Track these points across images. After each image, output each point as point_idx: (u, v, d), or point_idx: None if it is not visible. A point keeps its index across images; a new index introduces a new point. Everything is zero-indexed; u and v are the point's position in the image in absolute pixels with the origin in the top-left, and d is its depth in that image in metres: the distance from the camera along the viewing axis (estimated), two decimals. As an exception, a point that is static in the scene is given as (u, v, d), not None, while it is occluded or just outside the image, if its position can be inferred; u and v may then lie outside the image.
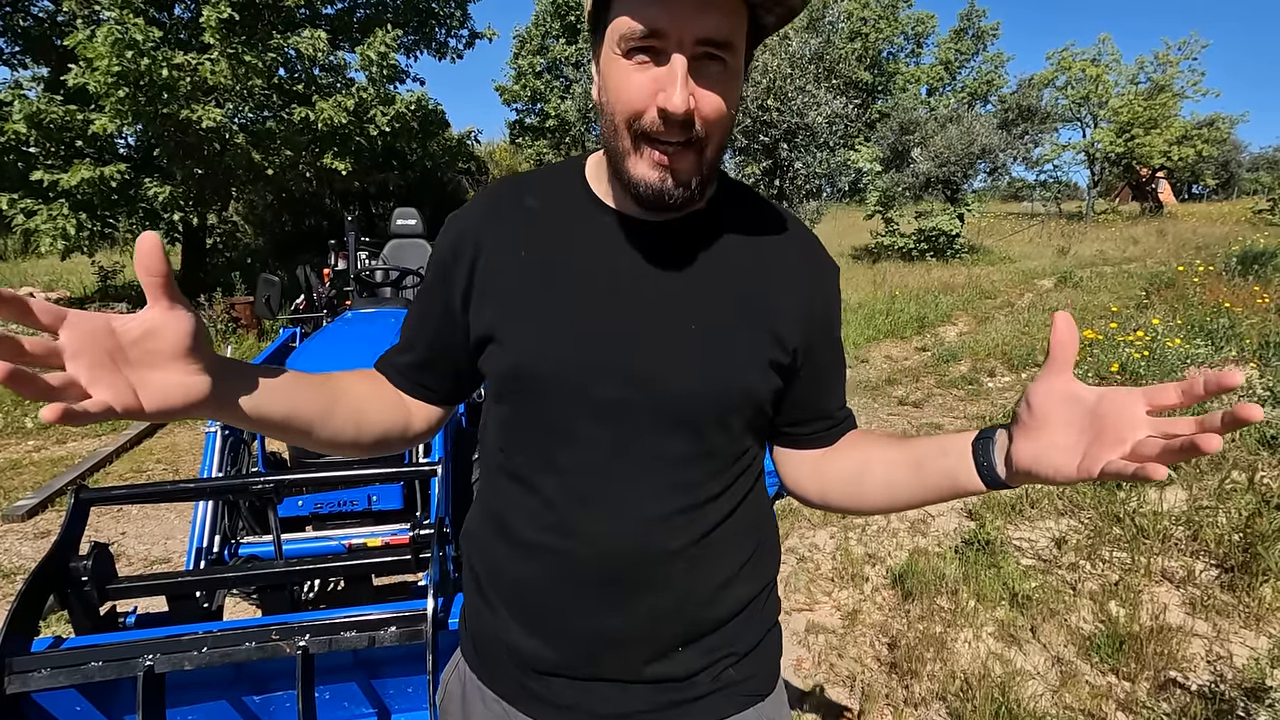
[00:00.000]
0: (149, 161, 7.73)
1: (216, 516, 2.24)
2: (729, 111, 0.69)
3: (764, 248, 0.81)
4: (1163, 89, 24.79)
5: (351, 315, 3.39)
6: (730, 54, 0.66)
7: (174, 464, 4.42)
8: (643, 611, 0.78)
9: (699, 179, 0.71)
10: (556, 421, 0.77)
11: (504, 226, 0.81)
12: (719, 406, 0.76)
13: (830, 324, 0.85)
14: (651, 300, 0.76)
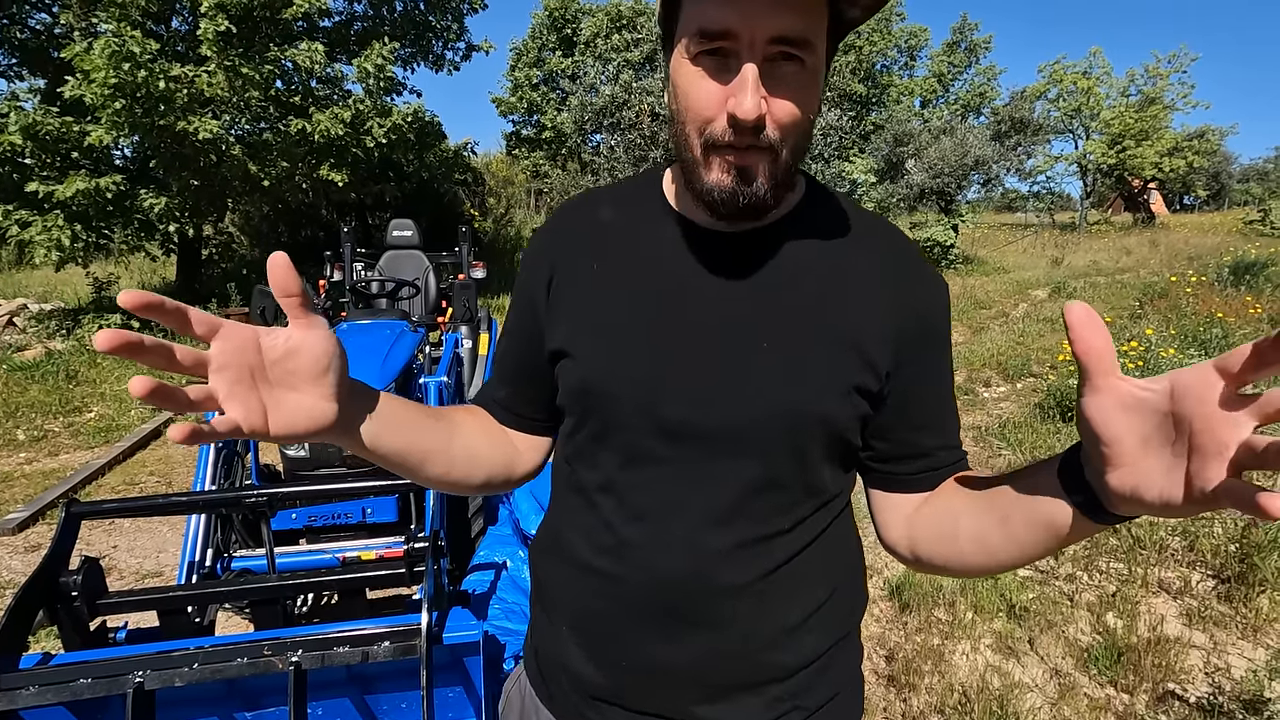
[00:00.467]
0: (145, 172, 7.73)
1: (209, 530, 2.22)
2: (807, 115, 0.65)
3: (850, 259, 0.74)
4: (1153, 101, 25.05)
5: (347, 326, 3.38)
6: (808, 53, 0.62)
7: (167, 476, 4.39)
8: (699, 647, 0.74)
9: (772, 183, 0.66)
10: (619, 440, 0.75)
11: (578, 241, 0.80)
12: (790, 434, 0.70)
13: (927, 346, 0.74)
14: (724, 317, 0.72)
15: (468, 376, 3.87)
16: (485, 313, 4.40)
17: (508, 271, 13.18)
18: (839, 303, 0.72)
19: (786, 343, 0.71)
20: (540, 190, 19.03)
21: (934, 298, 0.76)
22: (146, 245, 8.07)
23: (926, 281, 0.76)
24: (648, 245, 0.77)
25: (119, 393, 5.81)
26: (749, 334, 0.71)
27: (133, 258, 9.61)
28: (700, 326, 0.72)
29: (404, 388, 2.88)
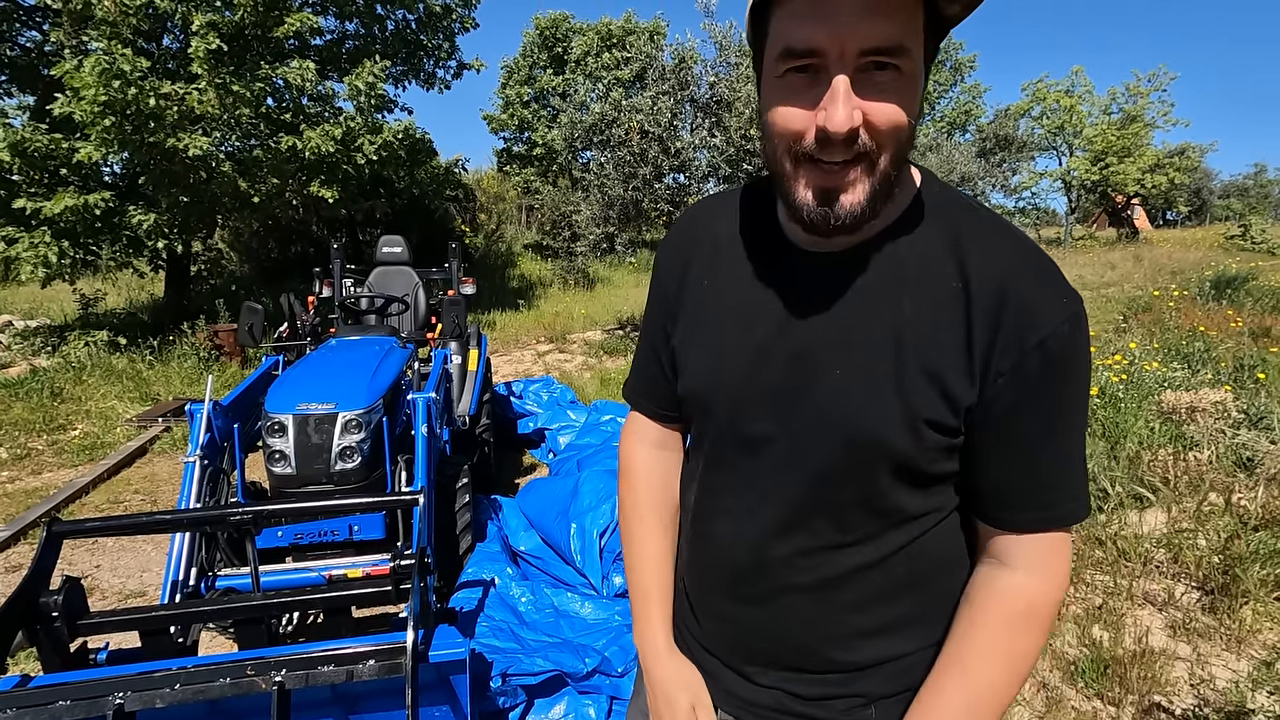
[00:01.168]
0: (134, 189, 7.71)
1: (194, 548, 2.20)
2: (906, 120, 0.63)
3: (945, 283, 0.69)
4: (1134, 119, 25.49)
5: (335, 343, 3.38)
6: (903, 59, 0.60)
7: (152, 494, 4.34)
8: (765, 629, 0.82)
9: (869, 196, 0.65)
10: (707, 443, 0.85)
11: (701, 249, 0.86)
12: (848, 459, 0.72)
13: (1030, 376, 0.66)
14: (806, 341, 0.74)
15: (456, 392, 3.87)
16: (475, 328, 4.41)
17: (498, 288, 13.20)
18: (924, 326, 0.69)
19: (858, 369, 0.71)
20: (531, 206, 19.11)
21: (1045, 321, 0.66)
22: (134, 262, 8.03)
23: (1039, 302, 0.67)
24: (750, 265, 0.81)
25: (104, 410, 5.76)
26: (824, 357, 0.73)
27: (120, 274, 9.55)
28: (781, 347, 0.75)
29: (392, 404, 2.88)
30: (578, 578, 2.88)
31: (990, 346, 0.67)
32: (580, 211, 8.27)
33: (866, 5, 0.58)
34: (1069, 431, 0.70)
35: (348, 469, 2.53)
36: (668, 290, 0.89)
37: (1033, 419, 0.69)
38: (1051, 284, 0.68)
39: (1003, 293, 0.67)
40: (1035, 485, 0.71)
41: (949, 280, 0.69)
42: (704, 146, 7.43)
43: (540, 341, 9.06)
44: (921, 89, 0.66)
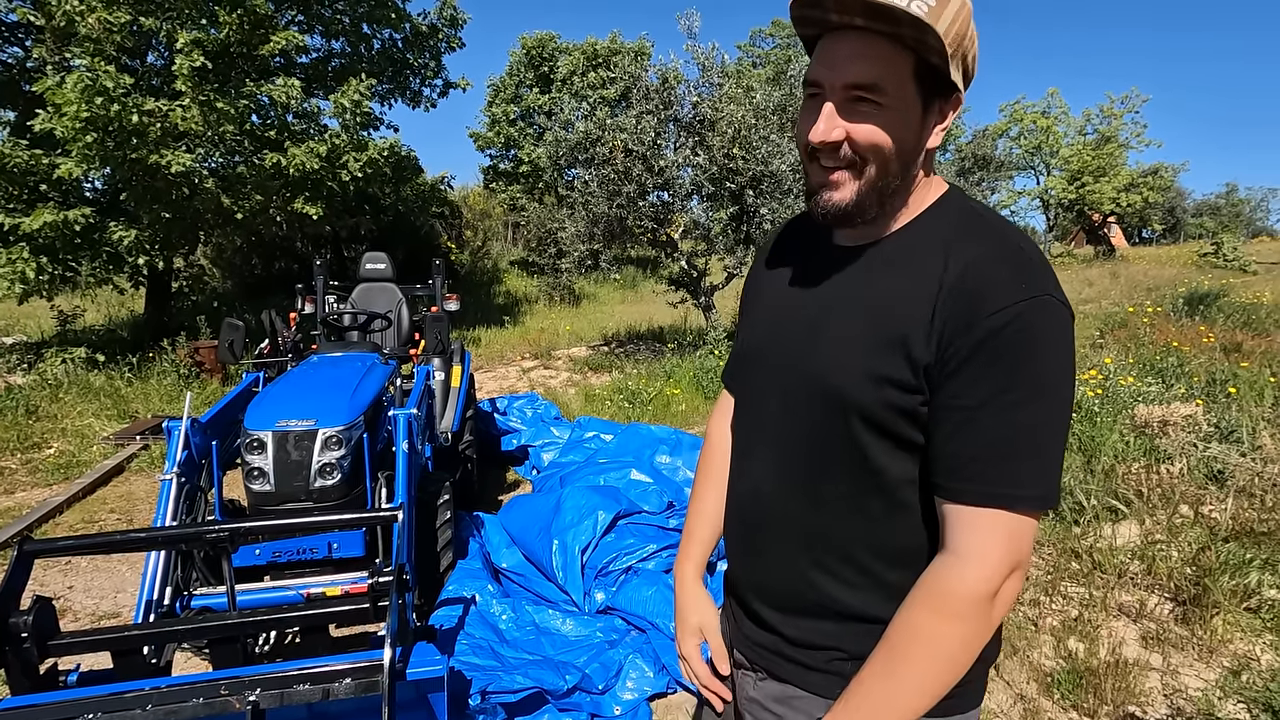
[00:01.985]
0: (115, 205, 7.66)
1: (169, 567, 2.18)
2: (886, 140, 0.79)
3: (932, 267, 0.80)
4: (1109, 140, 26.08)
5: (317, 359, 3.37)
6: (881, 94, 0.77)
7: (128, 514, 4.28)
8: (767, 561, 0.95)
9: (855, 198, 0.82)
10: (741, 401, 1.06)
11: (778, 248, 1.05)
12: (827, 407, 0.85)
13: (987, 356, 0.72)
14: (812, 310, 0.91)
15: (439, 409, 3.86)
16: (458, 345, 4.41)
17: (483, 304, 13.19)
18: (899, 298, 0.81)
19: (845, 333, 0.85)
20: (517, 223, 19.17)
21: (1000, 298, 0.73)
22: (115, 278, 7.96)
23: (998, 281, 0.74)
24: (800, 257, 0.99)
25: (80, 428, 5.67)
26: (821, 324, 0.88)
27: (100, 290, 9.45)
28: (796, 318, 0.93)
29: (373, 420, 2.87)
30: (560, 594, 2.87)
31: (950, 316, 0.75)
32: (565, 228, 8.31)
33: (851, 53, 0.77)
34: (1014, 408, 0.72)
35: (327, 486, 2.52)
36: (747, 283, 1.11)
37: (975, 387, 0.74)
38: (1019, 270, 0.76)
39: (968, 270, 0.77)
40: (975, 455, 0.74)
41: (931, 264, 0.80)
42: (687, 165, 7.52)
43: (525, 358, 9.05)
44: (914, 121, 0.81)
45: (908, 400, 0.78)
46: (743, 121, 6.97)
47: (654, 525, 3.22)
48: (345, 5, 9.53)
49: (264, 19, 7.69)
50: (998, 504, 0.73)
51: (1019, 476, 0.73)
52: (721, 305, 9.13)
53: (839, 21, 0.77)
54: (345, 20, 9.76)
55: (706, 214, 8.07)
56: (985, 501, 0.74)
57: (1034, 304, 0.73)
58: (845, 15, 0.76)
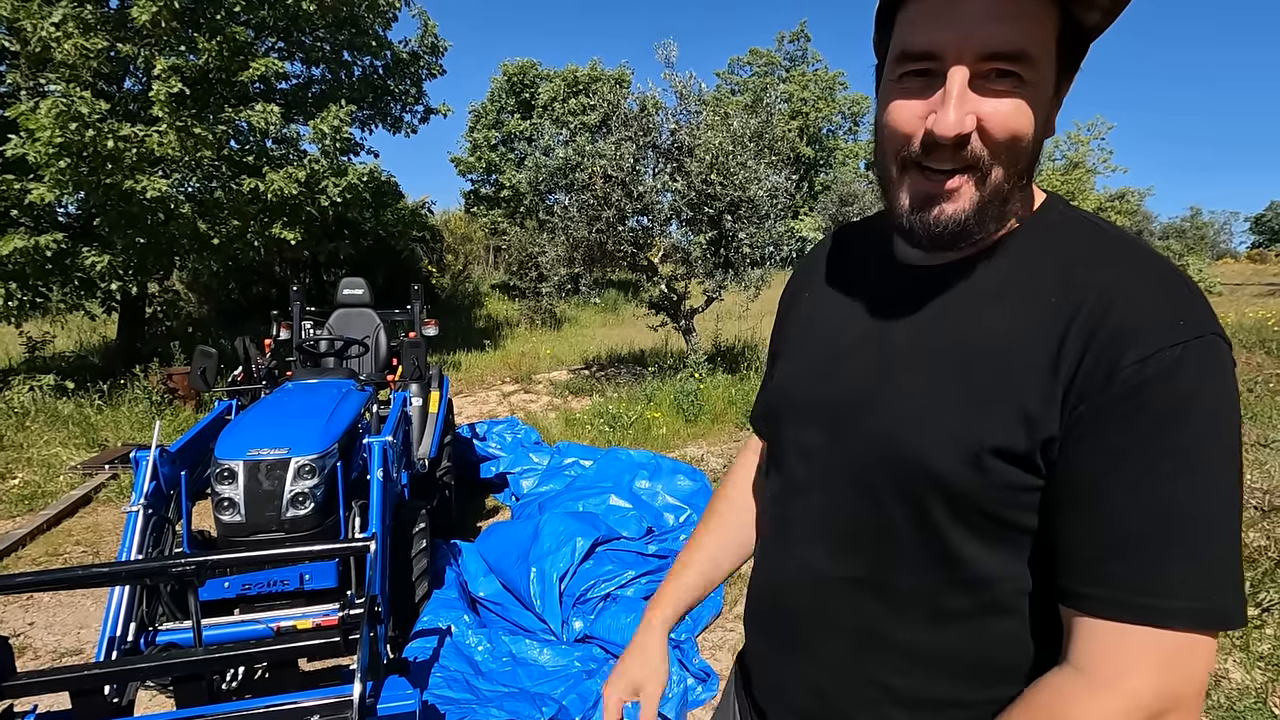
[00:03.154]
0: (88, 230, 7.57)
1: (133, 602, 2.13)
2: (1026, 129, 0.59)
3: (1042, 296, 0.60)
4: (1077, 165, 26.88)
5: (292, 386, 3.34)
6: (1026, 67, 0.57)
7: (95, 546, 4.17)
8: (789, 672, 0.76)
9: (975, 210, 0.61)
10: (775, 451, 0.82)
11: (813, 272, 0.87)
12: (897, 482, 0.64)
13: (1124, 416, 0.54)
14: (874, 352, 0.69)
15: (416, 435, 3.83)
16: (437, 370, 4.39)
17: (465, 329, 13.15)
18: (1004, 340, 0.60)
19: (917, 385, 0.64)
20: (498, 247, 19.21)
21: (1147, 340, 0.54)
22: (86, 304, 7.83)
23: (1144, 315, 0.55)
24: (852, 280, 0.78)
25: (47, 458, 5.54)
26: (887, 371, 0.67)
27: (70, 316, 9.29)
28: (853, 359, 0.71)
29: (348, 448, 2.84)
30: (538, 623, 2.84)
31: (1077, 365, 0.56)
32: (546, 252, 8.35)
33: (990, 10, 0.56)
34: (1170, 486, 0.53)
35: (299, 516, 2.48)
36: (780, 313, 0.91)
37: (1114, 458, 0.54)
38: (1172, 302, 0.56)
39: (1104, 302, 0.57)
40: (1113, 551, 0.54)
41: (1047, 294, 0.60)
42: (666, 190, 7.62)
43: (506, 382, 9.02)
44: (1050, 104, 0.62)
45: (1015, 477, 0.58)
46: (720, 148, 7.09)
47: (633, 551, 3.21)
48: (326, 33, 9.59)
49: (243, 46, 7.71)
50: (1144, 619, 0.53)
51: (1173, 580, 0.53)
52: (702, 328, 9.19)
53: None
54: (326, 48, 9.81)
55: (686, 238, 8.16)
56: (1125, 615, 0.54)
57: (1197, 347, 0.54)
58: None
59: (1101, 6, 0.57)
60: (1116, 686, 0.53)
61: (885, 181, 0.67)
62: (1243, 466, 0.56)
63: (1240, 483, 0.55)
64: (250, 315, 12.27)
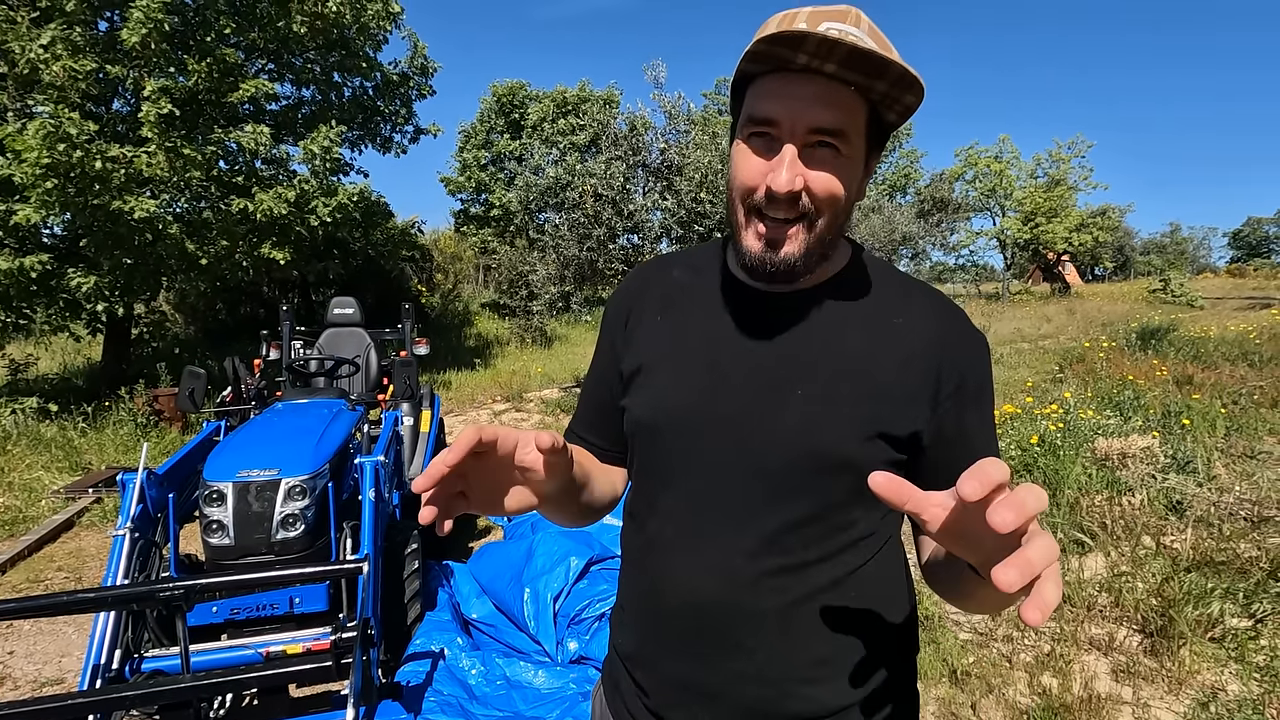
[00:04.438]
0: (74, 251, 7.51)
1: (118, 629, 2.08)
2: (842, 191, 0.75)
3: (888, 318, 0.82)
4: (1058, 182, 27.33)
5: (282, 406, 3.30)
6: (842, 142, 0.73)
7: (78, 572, 4.08)
8: (729, 671, 0.81)
9: (805, 250, 0.77)
10: (663, 467, 0.86)
11: (650, 294, 0.94)
12: (815, 474, 0.78)
13: (965, 401, 0.81)
14: (764, 367, 0.81)
15: (408, 455, 3.80)
16: (428, 389, 4.36)
17: (454, 348, 13.10)
18: (873, 357, 0.79)
19: (820, 391, 0.79)
20: (488, 266, 19.22)
21: (972, 355, 0.82)
22: (71, 325, 7.74)
23: (965, 340, 0.82)
24: (704, 302, 0.89)
25: (29, 482, 5.43)
26: (786, 382, 0.80)
27: (55, 338, 9.19)
28: (740, 372, 0.82)
29: (339, 469, 2.81)
30: (532, 645, 2.80)
31: (937, 372, 0.79)
32: (536, 271, 8.36)
33: (817, 96, 0.72)
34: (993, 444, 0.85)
35: (290, 538, 2.44)
36: (615, 336, 0.95)
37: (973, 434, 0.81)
38: (969, 326, 0.84)
39: (938, 330, 0.81)
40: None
41: (889, 318, 0.82)
42: (656, 209, 7.67)
43: (497, 400, 8.98)
44: (860, 174, 0.78)
45: (895, 455, 0.79)
46: (709, 167, 7.15)
47: (627, 570, 3.17)
48: (316, 55, 9.63)
49: (234, 68, 7.73)
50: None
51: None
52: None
53: (805, 64, 0.71)
54: (316, 69, 9.85)
55: (676, 256, 8.21)
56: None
57: (987, 347, 0.84)
58: (818, 60, 0.70)
59: (897, 111, 0.75)
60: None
61: (734, 224, 0.80)
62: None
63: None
64: (239, 336, 12.17)
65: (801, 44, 0.69)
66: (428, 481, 0.63)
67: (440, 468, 0.63)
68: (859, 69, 0.70)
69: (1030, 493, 0.48)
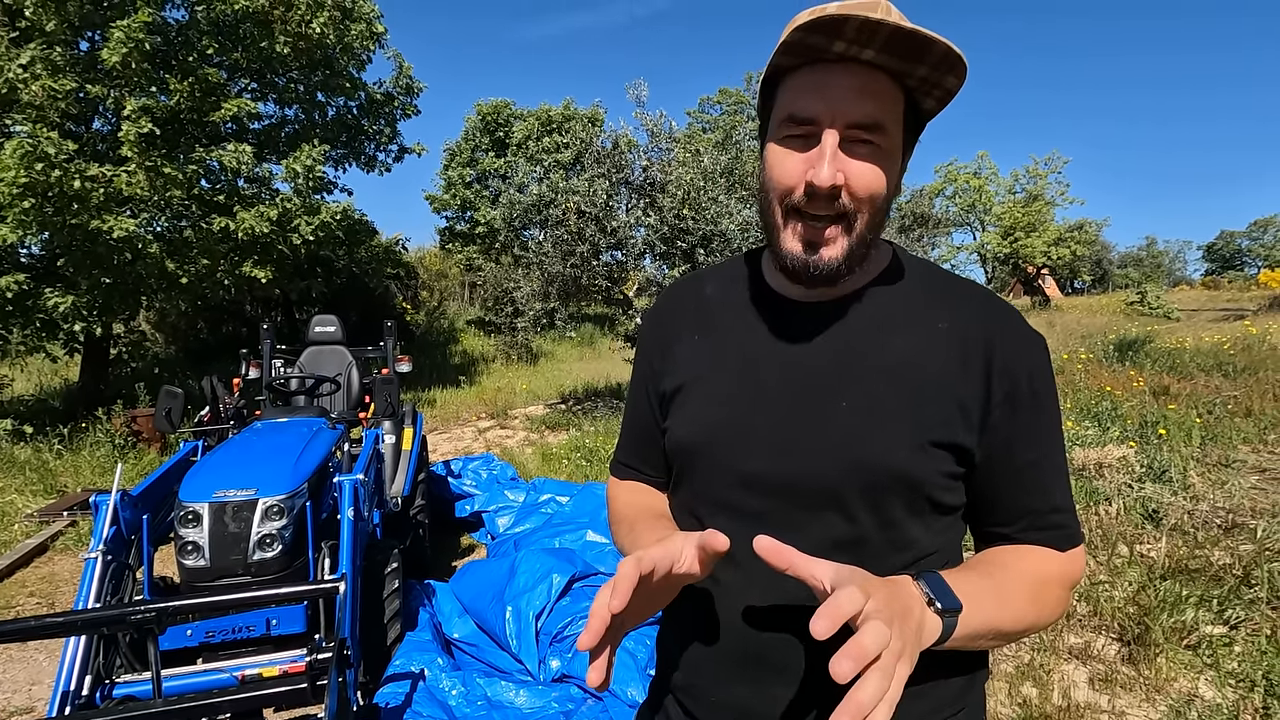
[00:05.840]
0: (52, 270, 7.43)
1: (89, 654, 2.04)
2: (883, 187, 0.72)
3: (936, 320, 0.77)
4: (1036, 198, 27.83)
5: (261, 425, 3.28)
6: (881, 136, 0.71)
7: (50, 597, 4.00)
8: (784, 698, 0.76)
9: (846, 251, 0.74)
10: (708, 490, 0.82)
11: (685, 312, 0.91)
12: (867, 488, 0.73)
13: (1022, 405, 0.75)
14: (805, 378, 0.78)
15: (389, 473, 3.77)
16: (410, 407, 4.35)
17: (439, 365, 13.05)
18: (923, 361, 0.75)
19: (864, 400, 0.75)
20: (474, 283, 19.20)
21: (1029, 357, 0.76)
22: (48, 345, 7.64)
23: (1020, 341, 0.77)
24: (740, 317, 0.85)
25: (1, 505, 5.33)
26: (828, 392, 0.76)
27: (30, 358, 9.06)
28: (783, 387, 0.78)
29: (318, 488, 2.79)
30: (514, 664, 2.77)
31: (987, 377, 0.74)
32: (521, 288, 8.38)
33: (856, 87, 0.69)
34: (1057, 451, 0.79)
35: (267, 558, 2.42)
36: (652, 357, 0.93)
37: (1033, 440, 0.76)
38: (1024, 326, 0.79)
39: (991, 330, 0.76)
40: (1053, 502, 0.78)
41: (934, 321, 0.77)
42: (639, 225, 7.72)
43: (482, 418, 8.94)
44: (899, 168, 0.76)
45: (953, 466, 0.74)
46: (692, 184, 7.22)
47: (610, 586, 3.16)
48: (300, 74, 9.66)
49: (216, 87, 7.73)
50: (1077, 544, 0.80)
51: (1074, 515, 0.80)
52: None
53: (842, 53, 0.68)
54: (299, 88, 9.88)
55: (660, 272, 8.25)
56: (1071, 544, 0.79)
57: (1047, 352, 0.79)
58: (857, 47, 0.67)
59: (935, 97, 0.72)
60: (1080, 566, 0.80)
61: (770, 228, 0.77)
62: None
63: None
64: (220, 355, 12.05)
65: (841, 29, 0.65)
66: (591, 639, 0.58)
67: (603, 618, 0.58)
68: (899, 52, 0.67)
69: (871, 634, 0.50)
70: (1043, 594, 0.76)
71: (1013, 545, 0.79)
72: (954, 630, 0.65)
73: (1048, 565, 0.77)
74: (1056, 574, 0.78)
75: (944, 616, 0.64)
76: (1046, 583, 0.77)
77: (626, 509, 0.94)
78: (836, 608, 0.51)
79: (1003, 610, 0.71)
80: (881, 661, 0.50)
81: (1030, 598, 0.74)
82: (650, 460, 0.95)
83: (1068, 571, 0.79)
